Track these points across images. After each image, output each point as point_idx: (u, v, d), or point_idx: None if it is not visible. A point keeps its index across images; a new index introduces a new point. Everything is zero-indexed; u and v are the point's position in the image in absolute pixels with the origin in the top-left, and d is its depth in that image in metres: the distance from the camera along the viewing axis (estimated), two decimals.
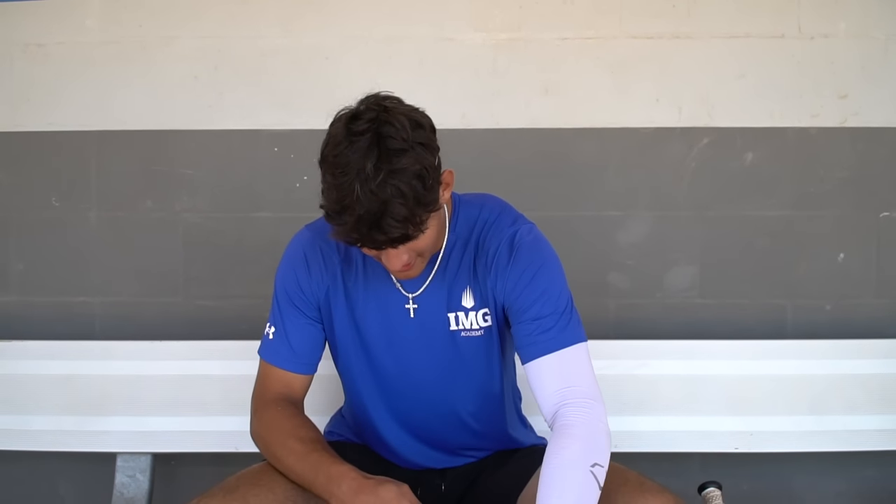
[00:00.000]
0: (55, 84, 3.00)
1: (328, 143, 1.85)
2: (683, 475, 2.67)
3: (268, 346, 2.14)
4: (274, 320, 2.14)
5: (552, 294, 2.03)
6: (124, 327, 3.01)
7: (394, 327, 2.09)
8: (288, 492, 1.98)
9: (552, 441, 1.92)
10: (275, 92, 2.97)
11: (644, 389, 2.76)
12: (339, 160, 1.80)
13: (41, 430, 2.82)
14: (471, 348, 2.11)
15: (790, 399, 2.80)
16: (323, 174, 1.84)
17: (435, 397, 2.13)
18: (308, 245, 2.12)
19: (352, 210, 1.77)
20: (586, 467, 1.87)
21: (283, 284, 2.14)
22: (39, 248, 3.04)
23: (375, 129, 1.81)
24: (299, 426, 2.05)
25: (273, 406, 2.09)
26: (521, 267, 2.04)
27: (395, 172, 1.78)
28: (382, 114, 1.83)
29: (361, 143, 1.79)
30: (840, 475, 3.01)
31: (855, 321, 2.97)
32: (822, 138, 2.97)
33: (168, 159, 3.01)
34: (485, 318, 2.09)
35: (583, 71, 2.96)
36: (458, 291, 2.09)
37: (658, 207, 3.00)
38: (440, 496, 2.19)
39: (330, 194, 1.81)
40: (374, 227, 1.79)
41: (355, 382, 2.16)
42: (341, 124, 1.84)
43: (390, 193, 1.78)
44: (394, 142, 1.80)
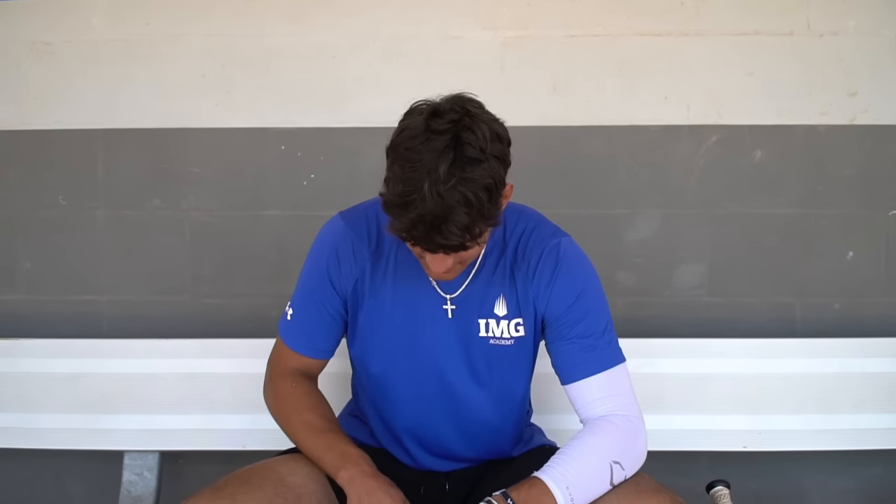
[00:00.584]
0: (62, 82, 3.00)
1: (402, 132, 1.82)
2: (691, 474, 2.66)
3: (286, 326, 2.15)
4: (295, 304, 2.14)
5: (597, 313, 2.07)
6: (132, 326, 3.01)
7: (425, 327, 2.08)
8: (278, 489, 1.98)
9: (586, 426, 1.99)
10: (282, 90, 2.97)
11: (652, 388, 2.75)
12: (413, 154, 1.77)
13: (49, 429, 2.83)
14: (497, 357, 2.10)
15: (798, 397, 2.79)
16: (391, 163, 1.82)
17: (452, 401, 2.12)
18: (340, 236, 2.10)
19: (414, 207, 1.76)
20: (608, 459, 1.93)
21: (309, 273, 2.13)
22: (47, 246, 3.04)
23: (456, 132, 1.78)
24: (316, 404, 2.10)
25: (289, 378, 2.13)
26: (567, 284, 2.05)
27: (466, 180, 1.76)
28: (465, 118, 1.80)
29: (439, 142, 1.77)
30: (848, 473, 3.00)
31: (864, 319, 2.97)
32: (831, 136, 2.96)
33: (175, 158, 3.00)
34: (517, 328, 2.09)
35: (591, 68, 2.95)
36: (491, 298, 2.08)
37: (666, 205, 2.99)
38: (444, 495, 2.19)
39: (395, 186, 1.79)
40: (433, 230, 1.77)
41: (373, 378, 2.15)
42: (421, 118, 1.81)
43: (457, 200, 1.75)
44: (471, 150, 1.77)
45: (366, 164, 2.96)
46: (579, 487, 1.90)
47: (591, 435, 1.98)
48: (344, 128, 2.97)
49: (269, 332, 2.79)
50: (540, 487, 1.88)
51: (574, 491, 1.88)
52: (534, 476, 1.90)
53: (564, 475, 1.89)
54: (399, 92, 2.91)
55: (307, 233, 2.93)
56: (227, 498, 1.93)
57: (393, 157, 1.81)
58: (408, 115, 1.85)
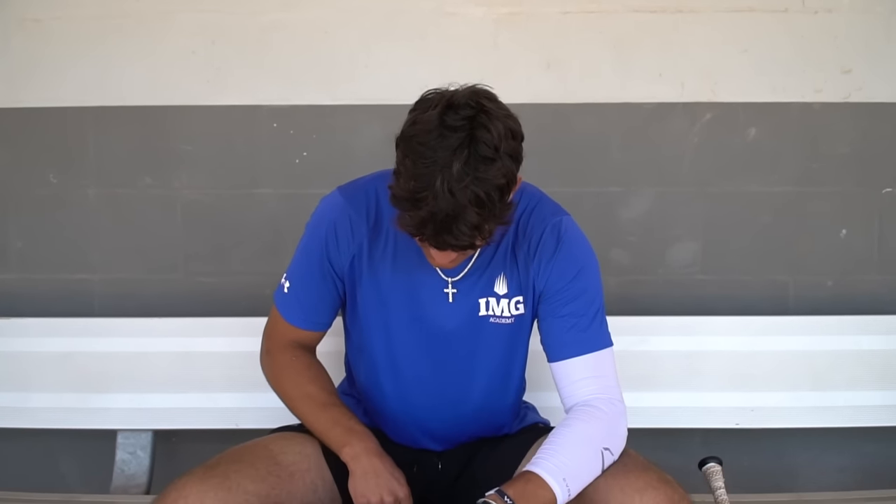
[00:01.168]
0: (52, 60, 2.98)
1: (415, 125, 1.79)
2: (684, 451, 2.67)
3: (282, 298, 2.13)
4: (291, 275, 2.12)
5: (592, 294, 2.06)
6: (124, 304, 3.00)
7: (425, 309, 2.07)
8: (270, 467, 1.99)
9: (572, 414, 1.99)
10: (274, 67, 2.95)
11: (646, 365, 2.76)
12: (426, 150, 1.74)
13: (42, 408, 2.83)
14: (497, 335, 2.09)
15: (792, 375, 2.80)
16: (402, 157, 1.78)
17: (450, 382, 2.12)
18: (338, 212, 2.07)
19: (425, 204, 1.73)
20: (599, 446, 1.93)
21: (307, 247, 2.11)
22: (38, 225, 3.03)
23: (470, 129, 1.75)
24: (317, 377, 2.11)
25: (289, 351, 2.13)
26: (567, 261, 2.04)
27: (479, 180, 1.74)
28: (481, 115, 1.77)
29: (453, 139, 1.74)
30: (841, 451, 3.01)
31: (857, 297, 2.97)
32: (826, 114, 2.95)
33: (167, 135, 2.99)
34: (517, 307, 2.08)
35: (585, 45, 2.94)
36: (492, 277, 2.06)
37: (660, 183, 2.99)
38: (437, 474, 2.19)
39: (406, 182, 1.76)
40: (443, 229, 1.76)
41: (370, 356, 2.14)
42: (435, 112, 1.77)
43: (469, 200, 1.73)
44: (486, 148, 1.75)
45: (359, 141, 2.95)
46: (575, 477, 1.89)
47: (581, 423, 1.97)
48: (337, 105, 2.95)
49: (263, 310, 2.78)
50: (536, 482, 1.87)
51: (570, 482, 1.88)
52: (528, 471, 1.89)
53: (560, 467, 1.88)
54: (392, 69, 2.94)
55: (300, 211, 2.92)
56: (220, 476, 1.93)
57: (405, 151, 1.78)
58: (420, 106, 1.82)
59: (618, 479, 1.92)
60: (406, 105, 2.91)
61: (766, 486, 2.84)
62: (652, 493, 1.88)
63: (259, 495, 1.94)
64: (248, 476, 1.95)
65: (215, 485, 1.91)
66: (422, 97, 1.84)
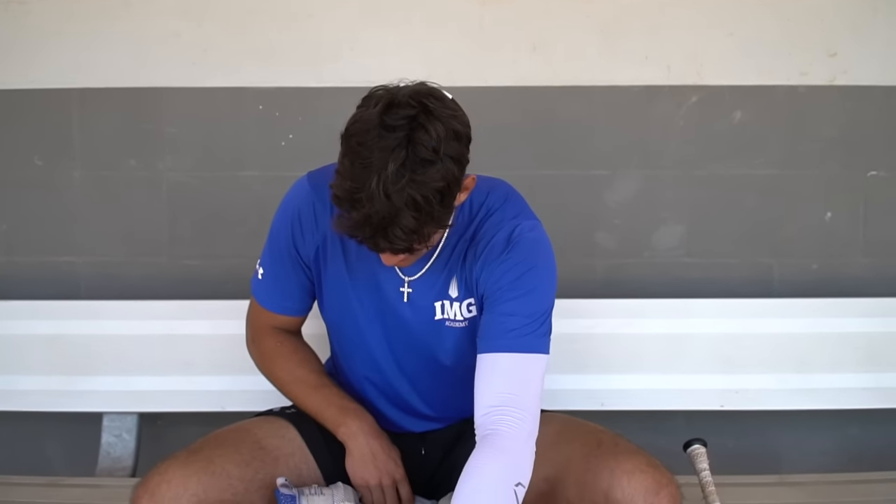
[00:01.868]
0: (36, 41, 2.95)
1: (355, 123, 1.74)
2: (669, 433, 2.67)
3: (258, 286, 2.14)
4: (264, 262, 2.12)
5: (533, 297, 1.95)
6: (110, 287, 2.99)
7: (384, 305, 2.06)
8: (255, 451, 1.99)
9: (479, 450, 1.87)
10: (259, 49, 2.93)
11: (630, 348, 2.77)
12: (363, 150, 1.69)
13: (27, 390, 2.82)
14: (454, 339, 2.06)
15: (776, 357, 2.81)
16: (342, 155, 1.74)
17: (418, 378, 2.12)
18: (302, 201, 2.05)
19: (360, 206, 1.69)
20: (510, 485, 1.83)
21: (276, 234, 2.10)
22: (23, 207, 3.02)
23: (409, 130, 1.69)
24: (305, 359, 2.14)
25: (273, 337, 2.14)
26: (512, 263, 1.95)
27: (416, 182, 1.68)
28: (421, 115, 1.71)
29: (391, 140, 1.68)
30: (825, 433, 3.03)
31: (842, 280, 2.98)
32: (811, 96, 2.95)
33: (151, 117, 2.97)
34: (469, 309, 2.04)
35: (571, 28, 2.93)
36: (447, 280, 2.03)
37: (646, 166, 2.98)
38: (420, 459, 2.19)
39: (343, 181, 1.71)
40: (378, 232, 1.72)
41: (344, 342, 2.15)
42: (376, 110, 1.72)
43: (405, 203, 1.68)
44: (424, 150, 1.69)
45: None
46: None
47: (487, 464, 1.85)
48: (322, 87, 2.94)
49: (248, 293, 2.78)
50: None
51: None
52: None
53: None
54: (378, 51, 2.93)
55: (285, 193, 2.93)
56: (204, 460, 1.93)
57: (344, 150, 1.74)
58: (364, 103, 1.77)
59: (607, 461, 1.92)
60: None
61: (750, 468, 2.84)
62: (640, 476, 1.88)
63: (243, 479, 1.94)
64: (232, 460, 1.95)
65: (198, 469, 1.91)
66: (369, 93, 1.79)
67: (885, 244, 3.00)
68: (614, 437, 2.01)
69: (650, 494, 1.86)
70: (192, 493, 1.88)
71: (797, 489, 2.57)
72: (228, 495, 1.92)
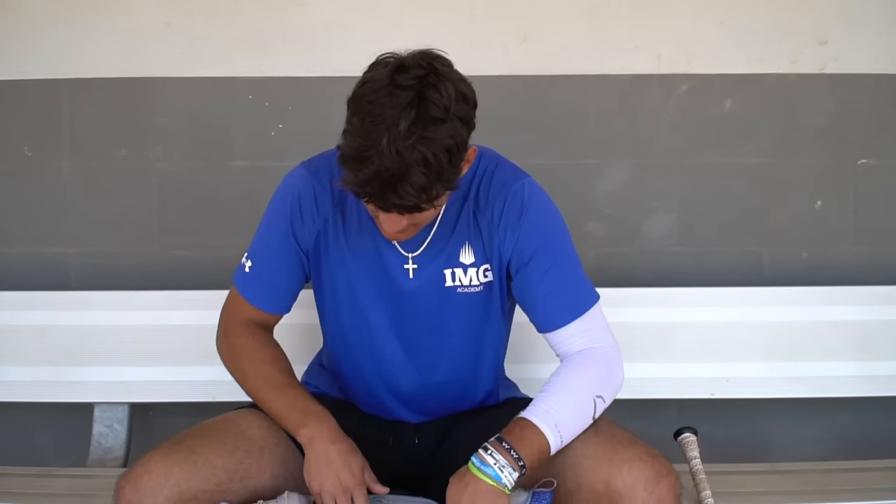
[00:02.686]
0: (26, 32, 2.95)
1: (365, 84, 1.77)
2: (660, 421, 2.68)
3: (243, 278, 2.10)
4: (253, 255, 2.09)
5: (567, 256, 2.06)
6: (100, 277, 2.99)
7: (388, 284, 2.05)
8: (239, 441, 1.97)
9: (565, 362, 2.00)
10: (249, 38, 2.93)
11: (621, 337, 2.71)
12: (374, 108, 1.73)
13: (18, 381, 2.82)
14: (467, 305, 2.07)
15: (767, 345, 2.82)
16: (351, 115, 1.77)
17: (423, 355, 2.11)
18: (303, 186, 2.06)
19: (371, 163, 1.71)
20: (592, 394, 1.94)
21: (270, 223, 2.09)
22: (13, 198, 3.01)
23: (420, 89, 1.73)
24: (274, 357, 2.07)
25: (245, 330, 2.09)
26: (533, 226, 2.02)
27: (426, 140, 1.71)
28: (431, 75, 1.75)
29: (402, 98, 1.72)
30: (816, 421, 3.04)
31: (832, 268, 2.99)
32: (801, 85, 2.96)
33: (141, 107, 2.97)
34: (485, 274, 2.06)
35: (561, 17, 2.93)
36: (456, 247, 2.05)
37: (636, 155, 2.99)
38: (413, 449, 2.18)
39: (353, 139, 1.74)
40: (388, 188, 1.73)
41: (339, 328, 2.13)
42: (386, 71, 1.76)
43: (415, 159, 1.71)
44: (435, 108, 1.73)
45: (334, 113, 2.88)
46: (566, 424, 1.91)
47: (572, 371, 1.98)
48: (312, 77, 2.94)
49: None
50: (531, 428, 1.88)
51: (562, 428, 1.89)
52: (522, 417, 1.90)
53: (551, 413, 1.90)
54: (368, 40, 2.89)
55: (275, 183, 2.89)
56: (186, 451, 1.92)
57: (353, 110, 1.77)
58: (372, 68, 1.81)
59: (606, 450, 1.92)
60: None
61: (740, 456, 2.85)
62: (640, 464, 1.88)
63: (227, 469, 1.93)
64: (215, 450, 1.94)
65: (180, 459, 1.90)
66: (375, 60, 1.82)
67: (875, 232, 3.00)
68: (611, 425, 2.01)
69: (650, 483, 1.86)
70: (174, 484, 1.87)
71: (788, 477, 2.57)
72: (211, 485, 1.91)
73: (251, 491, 1.96)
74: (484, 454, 1.86)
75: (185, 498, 1.88)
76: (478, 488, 1.84)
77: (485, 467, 1.85)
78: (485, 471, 1.85)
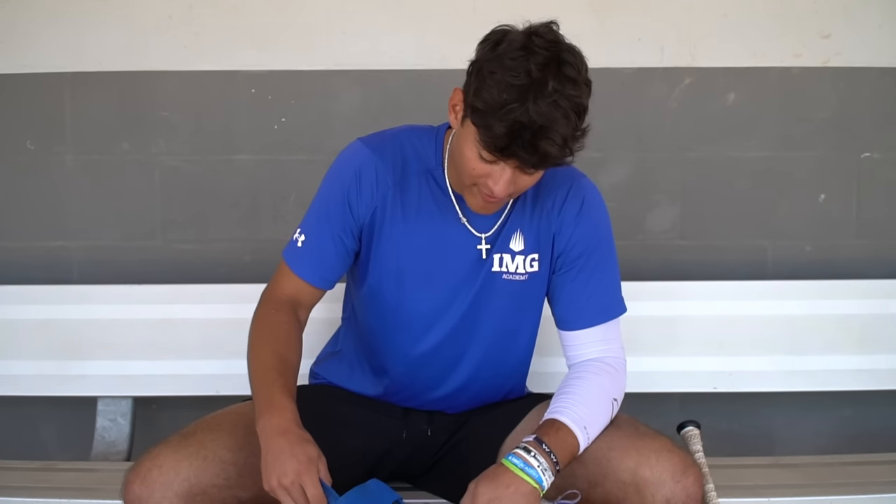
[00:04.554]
0: (28, 25, 2.94)
1: (500, 45, 1.82)
2: (663, 415, 2.68)
3: (294, 252, 2.07)
4: (307, 229, 2.07)
5: (613, 261, 2.12)
6: (103, 271, 2.99)
7: (455, 265, 2.05)
8: (248, 436, 1.92)
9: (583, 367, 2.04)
10: (252, 32, 2.92)
11: (624, 330, 2.72)
12: (518, 65, 1.77)
13: (21, 375, 2.82)
14: (507, 292, 2.08)
15: (769, 339, 2.82)
16: (488, 72, 1.80)
17: (456, 339, 2.10)
18: (364, 160, 2.04)
19: (517, 113, 1.75)
20: (610, 397, 1.99)
21: (327, 196, 2.06)
22: (15, 191, 3.01)
23: (556, 51, 1.80)
24: (279, 336, 2.01)
25: (274, 304, 2.06)
26: (591, 225, 2.08)
27: (567, 96, 1.77)
28: (562, 42, 1.84)
29: (541, 57, 1.78)
30: (818, 415, 3.04)
31: (835, 262, 2.98)
32: (805, 78, 2.95)
33: (144, 101, 2.96)
34: (531, 264, 2.07)
35: (564, 10, 2.87)
36: (507, 233, 2.06)
37: (639, 148, 2.98)
38: (425, 439, 2.18)
39: (498, 94, 1.77)
40: (534, 138, 1.77)
41: (385, 311, 2.10)
42: (519, 35, 1.83)
43: (561, 113, 1.76)
44: (571, 70, 1.79)
45: (337, 107, 2.94)
46: (593, 427, 1.94)
47: (593, 375, 2.02)
48: (315, 70, 2.93)
49: (241, 276, 2.79)
50: (565, 430, 1.90)
51: (590, 430, 1.93)
52: (556, 419, 1.92)
53: (581, 416, 1.92)
54: (370, 34, 2.93)
55: (278, 177, 2.92)
56: (195, 445, 1.91)
57: (491, 68, 1.80)
58: (493, 37, 1.86)
59: (633, 441, 1.93)
60: (385, 70, 2.93)
61: (743, 450, 2.86)
62: (668, 455, 1.90)
63: (236, 464, 1.92)
64: (225, 445, 1.93)
65: (190, 453, 1.89)
66: (492, 31, 1.88)
67: (879, 226, 3.00)
68: (631, 420, 2.03)
69: (678, 473, 1.88)
70: (184, 479, 1.87)
71: (791, 471, 2.58)
72: (221, 480, 1.90)
73: (261, 486, 1.93)
74: (527, 456, 1.86)
75: (195, 493, 1.87)
76: (520, 489, 1.84)
77: (529, 469, 1.84)
78: (529, 473, 1.84)
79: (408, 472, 2.22)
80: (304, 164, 2.91)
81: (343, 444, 2.07)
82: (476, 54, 1.86)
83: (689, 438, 2.21)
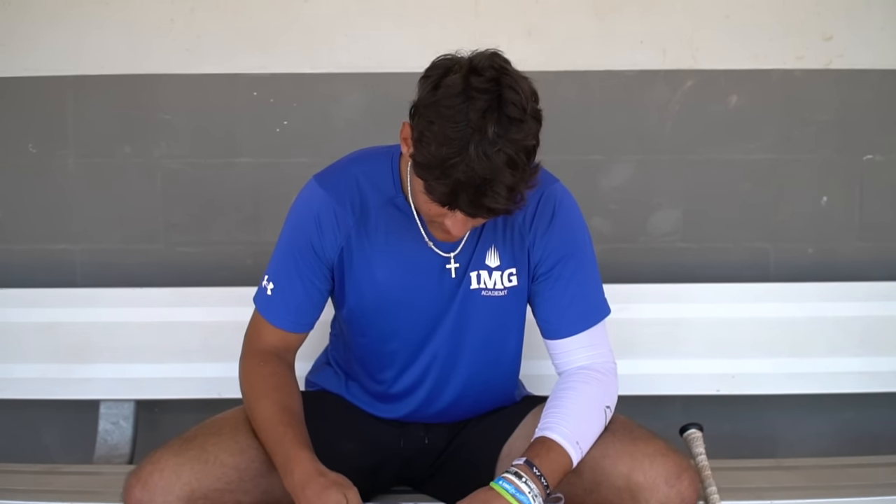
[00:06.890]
0: (30, 29, 2.94)
1: (438, 89, 1.75)
2: (665, 418, 2.68)
3: (265, 300, 2.04)
4: (275, 276, 2.04)
5: (591, 266, 2.09)
6: (105, 274, 2.99)
7: (426, 287, 2.03)
8: (250, 440, 1.94)
9: (573, 377, 2.02)
10: (253, 35, 2.92)
11: (627, 333, 2.75)
12: (456, 114, 1.71)
13: (24, 378, 2.82)
14: (488, 309, 2.06)
15: (772, 341, 2.82)
16: (427, 123, 1.74)
17: (445, 359, 2.09)
18: (321, 204, 2.00)
19: (457, 170, 1.70)
20: (602, 405, 1.98)
21: (290, 244, 2.04)
22: (18, 195, 3.01)
23: (497, 91, 1.72)
24: (276, 386, 1.99)
25: (258, 357, 2.04)
26: (564, 232, 2.05)
27: (511, 141, 1.71)
28: (505, 77, 1.75)
29: (481, 102, 1.70)
30: (820, 417, 3.04)
31: (837, 264, 2.98)
32: (807, 80, 2.95)
33: (146, 104, 2.96)
34: (510, 279, 2.06)
35: (566, 12, 2.93)
36: (483, 250, 2.04)
37: (641, 151, 2.98)
38: (422, 448, 2.17)
39: (437, 148, 1.71)
40: (477, 194, 1.72)
41: (365, 338, 2.10)
42: (458, 76, 1.74)
43: (505, 161, 1.70)
44: (514, 109, 1.72)
45: (339, 110, 2.94)
46: (585, 439, 1.93)
47: (583, 385, 2.00)
48: (317, 73, 2.93)
49: (243, 279, 2.79)
50: (557, 450, 1.89)
51: (582, 444, 1.91)
52: (546, 437, 1.91)
53: (573, 431, 1.91)
54: (372, 37, 2.93)
55: (280, 180, 2.92)
56: (197, 449, 1.91)
57: (430, 117, 1.74)
58: (434, 73, 1.79)
59: (626, 446, 1.93)
60: (386, 73, 2.93)
61: (746, 452, 2.86)
62: (661, 459, 1.89)
63: (238, 468, 1.92)
64: (227, 449, 1.92)
65: (192, 458, 1.89)
66: (432, 64, 1.81)
67: (881, 228, 3.00)
68: (626, 423, 2.02)
69: (672, 478, 1.87)
70: (185, 483, 1.86)
71: (793, 473, 2.58)
72: (222, 484, 1.90)
73: (262, 490, 1.94)
74: (518, 481, 1.85)
75: (196, 497, 1.87)
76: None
77: (520, 495, 1.84)
78: (520, 499, 1.84)
79: (408, 477, 2.22)
80: (307, 167, 2.87)
81: (341, 450, 2.06)
82: (417, 93, 1.80)
83: (691, 441, 2.21)
